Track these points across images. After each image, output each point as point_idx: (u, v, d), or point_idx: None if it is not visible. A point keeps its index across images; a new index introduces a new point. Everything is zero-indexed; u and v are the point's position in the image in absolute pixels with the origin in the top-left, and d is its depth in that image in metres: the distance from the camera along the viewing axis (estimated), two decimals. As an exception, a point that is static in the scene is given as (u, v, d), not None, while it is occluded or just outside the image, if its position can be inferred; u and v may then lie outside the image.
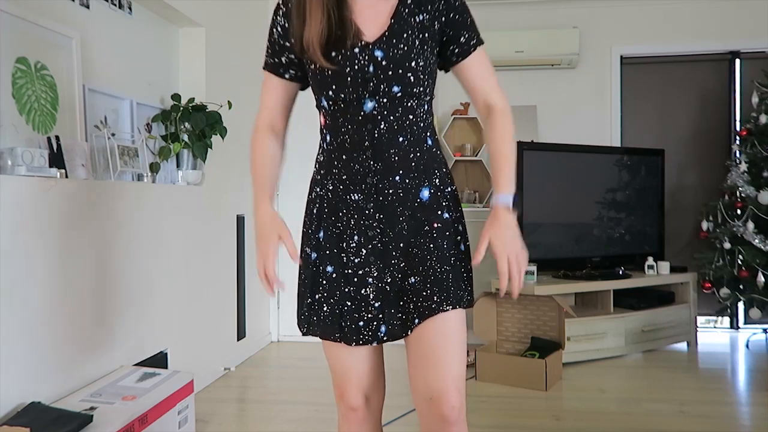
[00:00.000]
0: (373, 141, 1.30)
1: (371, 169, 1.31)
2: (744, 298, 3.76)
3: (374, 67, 1.28)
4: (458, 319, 1.31)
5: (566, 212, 3.87)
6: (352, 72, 1.28)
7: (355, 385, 1.38)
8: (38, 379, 1.99)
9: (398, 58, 1.28)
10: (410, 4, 1.33)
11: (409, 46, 1.30)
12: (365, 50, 1.28)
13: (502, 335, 3.52)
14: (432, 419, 1.28)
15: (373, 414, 1.42)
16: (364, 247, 1.33)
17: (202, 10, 3.22)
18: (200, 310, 3.13)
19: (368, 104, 1.30)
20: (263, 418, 2.75)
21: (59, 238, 2.08)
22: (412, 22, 1.32)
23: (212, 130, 3.04)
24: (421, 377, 1.29)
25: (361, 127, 1.31)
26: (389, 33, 1.30)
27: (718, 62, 4.40)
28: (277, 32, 1.37)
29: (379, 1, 1.33)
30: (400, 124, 1.32)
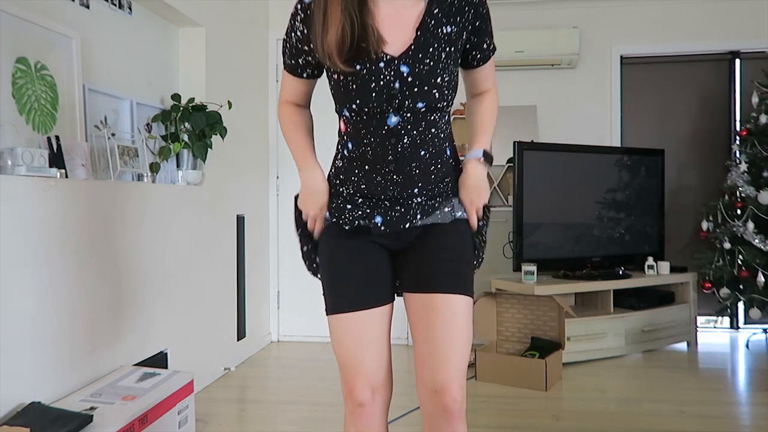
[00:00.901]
0: (397, 155, 1.33)
1: (393, 181, 1.36)
2: (744, 298, 3.76)
3: (400, 83, 1.28)
4: (468, 314, 1.37)
5: (566, 212, 3.87)
6: (377, 87, 1.28)
7: (364, 379, 1.39)
8: (38, 379, 1.99)
9: (424, 74, 1.28)
10: (437, 13, 1.30)
11: (435, 61, 1.29)
12: (391, 65, 1.28)
13: (502, 335, 3.52)
14: (435, 411, 1.33)
15: (379, 410, 1.43)
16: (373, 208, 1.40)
17: (202, 10, 3.22)
18: (200, 310, 3.13)
19: (392, 119, 1.31)
20: (263, 418, 2.75)
21: (59, 238, 2.08)
22: (439, 33, 1.30)
23: (212, 130, 3.04)
24: (429, 370, 1.34)
25: (385, 140, 1.32)
26: (415, 46, 1.29)
27: (718, 62, 4.40)
28: (296, 36, 1.37)
29: (403, 8, 1.31)
30: (423, 138, 1.34)
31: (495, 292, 3.56)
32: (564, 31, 4.23)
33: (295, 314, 4.20)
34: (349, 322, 1.39)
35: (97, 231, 2.29)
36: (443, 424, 1.34)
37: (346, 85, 1.30)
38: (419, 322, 1.38)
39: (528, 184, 3.69)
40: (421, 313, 1.38)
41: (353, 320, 1.39)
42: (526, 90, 4.43)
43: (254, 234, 3.89)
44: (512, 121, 4.43)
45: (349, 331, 1.39)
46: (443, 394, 1.31)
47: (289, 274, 4.22)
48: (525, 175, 3.68)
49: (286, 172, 4.22)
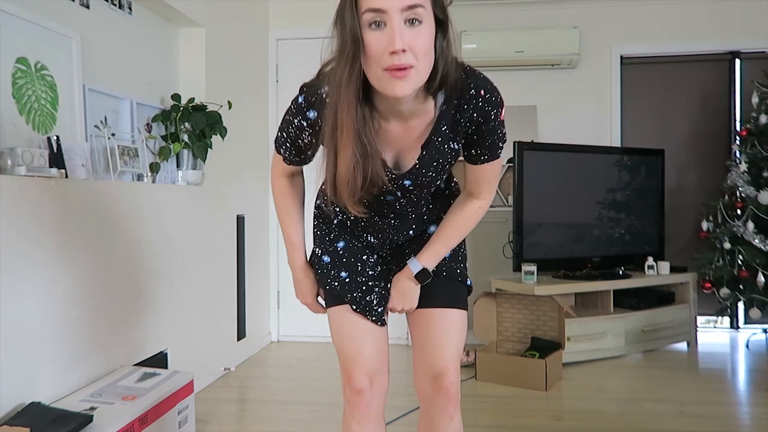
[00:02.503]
0: (394, 210, 1.42)
1: (389, 225, 1.45)
2: (744, 298, 3.76)
3: (402, 191, 1.35)
4: (462, 320, 1.50)
5: (566, 212, 3.87)
6: (378, 191, 1.31)
7: (362, 367, 1.44)
8: (38, 379, 1.99)
9: (426, 182, 1.34)
10: (445, 130, 1.27)
11: (437, 172, 1.33)
12: (395, 181, 1.32)
13: (502, 335, 3.52)
14: (435, 395, 1.44)
15: (376, 399, 1.47)
16: (380, 265, 1.50)
17: (202, 10, 3.22)
18: (200, 310, 3.13)
19: (389, 198, 1.38)
20: (263, 418, 2.75)
21: (59, 238, 2.08)
22: (444, 149, 1.29)
23: (212, 130, 3.04)
24: (427, 359, 1.46)
25: (382, 204, 1.39)
26: (419, 165, 1.30)
27: (718, 62, 4.40)
28: (302, 143, 1.32)
29: (411, 127, 1.27)
30: (419, 196, 1.40)
31: (495, 292, 3.56)
32: (564, 31, 4.23)
33: (295, 314, 4.20)
34: (347, 312, 1.46)
35: (97, 231, 2.29)
36: (442, 409, 1.44)
37: None
38: (417, 329, 1.51)
39: (528, 184, 3.69)
40: (419, 324, 1.50)
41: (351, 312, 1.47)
42: (526, 90, 4.43)
43: (254, 234, 3.89)
44: (512, 121, 4.43)
45: (348, 321, 1.47)
46: (442, 377, 1.42)
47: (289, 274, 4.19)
48: (525, 175, 3.68)
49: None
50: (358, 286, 1.46)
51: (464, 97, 1.23)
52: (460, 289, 1.50)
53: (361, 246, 1.49)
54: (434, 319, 1.46)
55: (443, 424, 1.44)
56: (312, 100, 1.25)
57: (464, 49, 4.18)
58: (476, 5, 4.28)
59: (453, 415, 1.44)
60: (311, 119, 1.26)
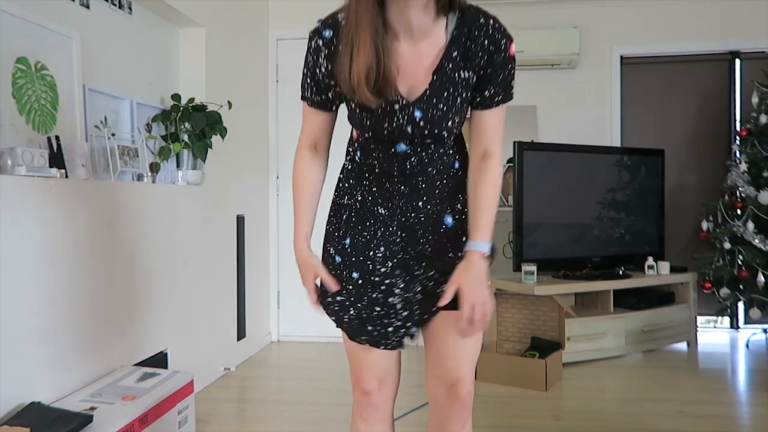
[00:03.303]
0: (404, 171, 1.37)
1: (399, 191, 1.38)
2: (744, 298, 3.76)
3: (412, 126, 1.30)
4: None
5: (566, 212, 3.87)
6: (389, 126, 1.30)
7: (370, 370, 1.42)
8: (38, 379, 1.99)
9: (436, 119, 1.29)
10: (455, 56, 1.27)
11: (448, 107, 1.29)
12: (405, 109, 1.29)
13: (502, 335, 3.52)
14: (450, 403, 1.41)
15: (385, 401, 1.45)
16: (389, 260, 1.39)
17: (202, 10, 3.22)
18: (200, 310, 3.13)
19: (401, 146, 1.34)
20: (263, 418, 2.75)
21: (59, 238, 2.08)
22: (455, 78, 1.28)
23: (212, 130, 3.04)
24: (443, 367, 1.41)
25: (392, 159, 1.36)
26: (430, 92, 1.28)
27: (718, 62, 4.40)
28: (321, 73, 1.33)
29: (424, 48, 1.28)
30: (431, 158, 1.37)
31: (495, 292, 3.56)
32: (564, 31, 4.23)
33: (295, 314, 4.20)
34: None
35: (97, 231, 2.29)
36: (456, 417, 1.41)
37: (361, 119, 1.32)
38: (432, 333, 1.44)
39: (528, 184, 3.69)
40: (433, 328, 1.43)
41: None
42: (526, 90, 4.43)
43: (254, 234, 3.89)
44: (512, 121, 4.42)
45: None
46: (458, 386, 1.39)
47: (289, 274, 4.22)
48: (525, 175, 3.68)
49: (286, 172, 4.21)
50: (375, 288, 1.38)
51: (475, 24, 1.27)
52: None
53: (365, 241, 1.41)
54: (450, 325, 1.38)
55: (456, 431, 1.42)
56: (328, 21, 1.30)
57: (464, 49, 4.17)
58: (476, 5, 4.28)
59: (466, 423, 1.43)
60: (327, 38, 1.29)
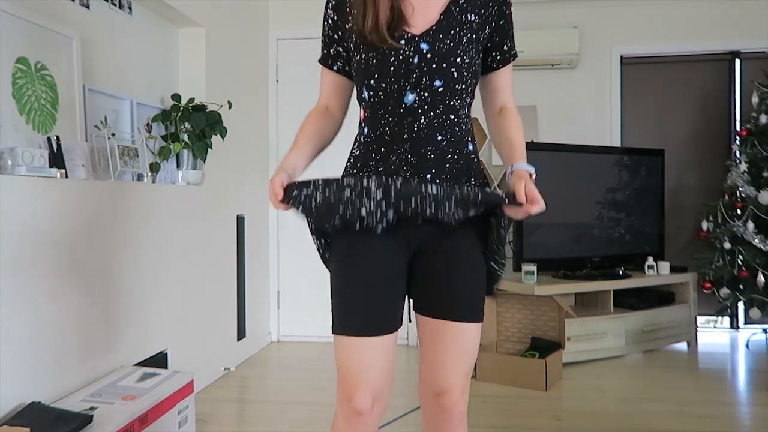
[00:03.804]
0: (413, 134, 1.32)
1: (407, 161, 1.33)
2: (744, 298, 3.76)
3: (419, 58, 1.30)
4: (477, 335, 1.39)
5: (566, 212, 3.87)
6: (396, 62, 1.30)
7: (366, 387, 1.32)
8: (38, 379, 1.99)
9: (444, 52, 1.30)
10: (462, 2, 1.35)
11: (455, 42, 1.32)
12: (411, 42, 1.30)
13: (502, 335, 3.52)
14: (437, 412, 1.38)
15: (374, 420, 1.38)
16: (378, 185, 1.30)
17: (202, 10, 3.22)
18: (200, 310, 3.13)
19: (409, 96, 1.31)
20: (263, 418, 2.75)
21: (59, 238, 2.08)
22: (462, 19, 1.34)
23: (212, 130, 3.04)
24: (433, 374, 1.37)
25: (402, 119, 1.33)
26: (437, 28, 1.32)
27: (718, 62, 4.40)
28: (327, 25, 1.39)
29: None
30: (441, 122, 1.34)
31: (495, 292, 3.56)
32: (564, 31, 4.23)
33: (295, 314, 4.20)
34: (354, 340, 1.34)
35: (97, 231, 2.29)
36: (449, 425, 1.37)
37: (367, 60, 1.32)
38: (429, 339, 1.39)
39: (528, 184, 3.69)
40: (433, 335, 1.38)
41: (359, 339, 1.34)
42: (526, 90, 4.43)
43: (254, 234, 3.89)
44: (512, 121, 4.43)
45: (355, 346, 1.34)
46: (443, 396, 1.35)
47: (289, 274, 4.22)
48: (525, 175, 3.67)
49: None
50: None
51: None
52: (480, 293, 1.39)
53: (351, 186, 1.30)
54: (449, 334, 1.35)
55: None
56: None
57: (464, 49, 4.17)
58: (476, 5, 4.28)
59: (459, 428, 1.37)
60: None
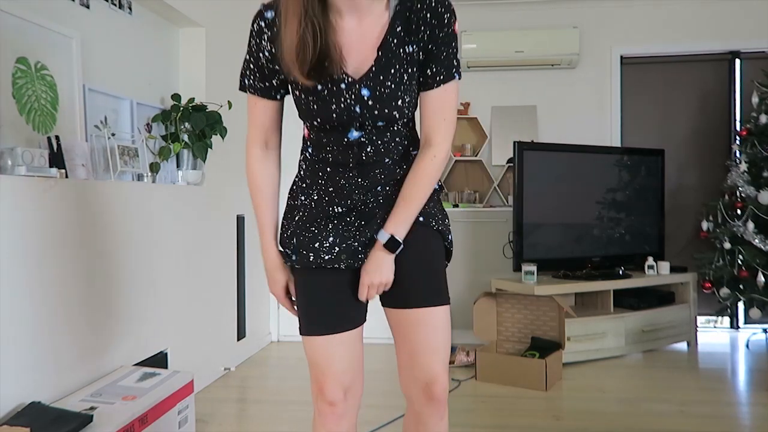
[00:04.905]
0: (359, 162, 1.33)
1: (357, 185, 1.35)
2: (744, 298, 3.76)
3: (360, 106, 1.26)
4: (446, 319, 1.41)
5: (566, 212, 3.87)
6: (337, 109, 1.26)
7: (334, 379, 1.37)
8: (38, 379, 1.99)
9: (385, 97, 1.26)
10: (399, 31, 1.25)
11: (396, 84, 1.26)
12: (351, 88, 1.25)
13: (502, 335, 3.52)
14: (426, 401, 1.40)
15: (350, 410, 1.41)
16: (337, 246, 1.36)
17: (202, 10, 3.22)
18: (200, 310, 3.13)
19: (354, 133, 1.30)
20: (263, 418, 2.75)
21: (59, 238, 2.08)
22: (400, 53, 1.26)
23: (212, 130, 3.04)
24: (417, 367, 1.40)
25: (347, 149, 1.32)
26: (376, 68, 1.25)
27: (718, 62, 4.40)
28: (264, 57, 1.30)
29: (367, 21, 1.26)
30: (387, 147, 1.33)
31: (495, 292, 3.56)
32: (564, 31, 4.23)
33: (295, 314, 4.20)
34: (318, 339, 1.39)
35: (97, 231, 2.29)
36: (433, 412, 1.41)
37: (308, 103, 1.28)
38: (401, 333, 1.42)
39: (528, 184, 3.70)
40: (402, 327, 1.41)
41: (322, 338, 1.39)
42: (526, 90, 4.43)
43: (254, 234, 3.89)
44: (512, 121, 4.43)
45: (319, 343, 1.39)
46: (433, 386, 1.39)
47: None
48: (525, 175, 3.68)
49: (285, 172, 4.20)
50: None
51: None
52: (439, 277, 1.40)
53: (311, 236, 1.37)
54: (419, 322, 1.37)
55: (435, 425, 1.42)
56: (269, 3, 1.28)
57: (464, 48, 4.18)
58: (476, 5, 4.28)
59: (443, 415, 1.43)
60: (269, 19, 1.27)
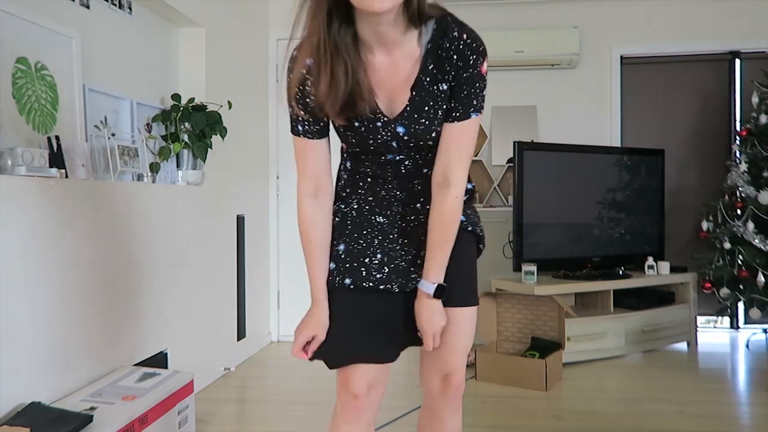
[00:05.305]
0: (397, 176, 1.39)
1: (396, 197, 1.40)
2: (744, 298, 3.76)
3: (397, 141, 1.33)
4: (474, 319, 1.48)
5: (566, 212, 3.87)
6: (374, 143, 1.33)
7: (362, 372, 1.39)
8: (38, 379, 1.99)
9: (420, 133, 1.31)
10: (432, 69, 1.27)
11: (430, 119, 1.30)
12: (387, 126, 1.31)
13: (502, 335, 3.52)
14: (443, 392, 1.46)
15: (371, 406, 1.43)
16: (386, 266, 1.40)
17: (202, 10, 3.22)
18: (200, 310, 3.13)
19: (389, 156, 1.36)
20: (263, 418, 2.75)
21: (59, 238, 2.08)
22: (433, 91, 1.28)
23: (212, 130, 3.04)
24: (439, 359, 1.45)
25: (385, 166, 1.38)
26: (410, 107, 1.29)
27: (718, 62, 4.40)
28: (312, 101, 1.28)
29: (400, 59, 1.27)
30: (424, 159, 1.38)
31: (495, 292, 3.56)
32: (564, 31, 4.23)
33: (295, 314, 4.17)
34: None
35: (97, 231, 2.29)
36: (449, 403, 1.46)
37: (346, 136, 1.35)
38: None
39: (528, 184, 3.69)
40: None
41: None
42: (526, 90, 4.43)
43: (254, 234, 3.89)
44: (512, 121, 4.43)
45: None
46: (452, 376, 1.45)
47: (289, 274, 4.22)
48: (525, 175, 3.68)
49: (286, 172, 4.22)
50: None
51: (447, 36, 1.24)
52: (472, 278, 1.46)
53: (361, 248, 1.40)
54: (449, 321, 1.40)
55: (449, 416, 1.48)
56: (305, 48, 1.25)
57: (464, 49, 4.17)
58: (476, 5, 4.27)
59: (458, 408, 1.49)
60: (309, 66, 1.25)
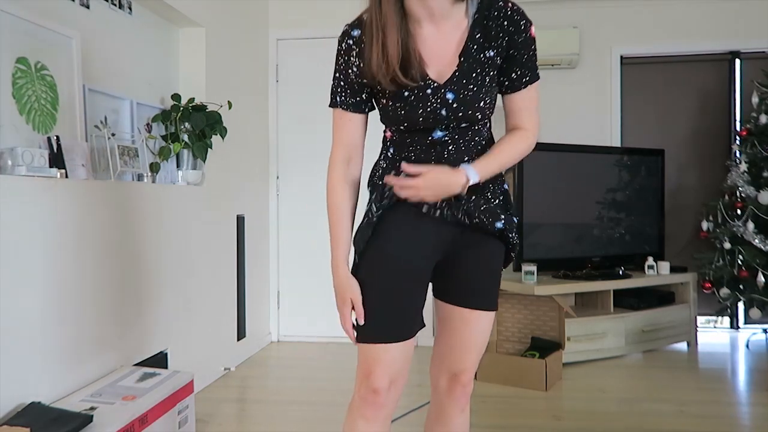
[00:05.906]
0: (441, 160, 1.38)
1: None
2: (744, 298, 3.76)
3: (446, 109, 1.33)
4: (491, 323, 1.51)
5: (566, 212, 3.87)
6: (423, 113, 1.33)
7: (386, 366, 1.40)
8: (38, 379, 1.99)
9: (469, 99, 1.33)
10: (479, 38, 1.34)
11: (478, 86, 1.33)
12: (437, 92, 1.32)
13: (502, 335, 3.52)
14: (452, 391, 1.50)
15: (390, 403, 1.44)
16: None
17: (202, 10, 3.22)
18: (200, 310, 3.13)
19: (438, 133, 1.37)
20: (263, 418, 2.75)
21: (59, 238, 2.08)
22: (481, 58, 1.34)
23: (212, 130, 3.04)
24: (452, 358, 1.50)
25: (430, 149, 1.38)
26: (459, 73, 1.33)
27: (718, 62, 4.40)
28: (353, 72, 1.37)
29: (447, 29, 1.34)
30: (468, 145, 1.39)
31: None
32: (564, 31, 4.23)
33: (295, 314, 4.20)
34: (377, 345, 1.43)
35: (97, 231, 2.29)
36: (456, 401, 1.50)
37: (395, 110, 1.36)
38: (447, 326, 1.51)
39: (528, 184, 3.69)
40: (451, 321, 1.49)
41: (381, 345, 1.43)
42: (526, 90, 4.42)
43: (254, 234, 3.89)
44: (512, 121, 4.43)
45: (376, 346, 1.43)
46: (462, 375, 1.49)
47: (289, 274, 4.22)
48: (525, 175, 3.68)
49: (286, 172, 4.22)
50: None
51: (494, 5, 1.35)
52: (497, 283, 1.49)
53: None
54: (469, 322, 1.45)
55: (455, 415, 1.50)
56: (355, 22, 1.37)
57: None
58: (476, 5, 4.28)
59: (465, 408, 1.51)
60: (356, 37, 1.35)
